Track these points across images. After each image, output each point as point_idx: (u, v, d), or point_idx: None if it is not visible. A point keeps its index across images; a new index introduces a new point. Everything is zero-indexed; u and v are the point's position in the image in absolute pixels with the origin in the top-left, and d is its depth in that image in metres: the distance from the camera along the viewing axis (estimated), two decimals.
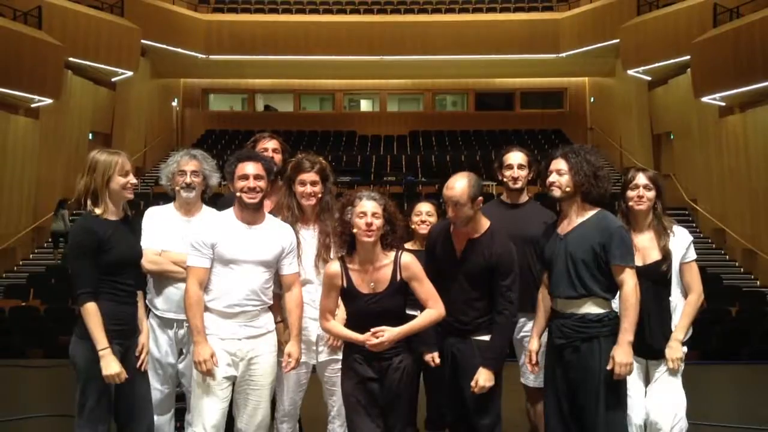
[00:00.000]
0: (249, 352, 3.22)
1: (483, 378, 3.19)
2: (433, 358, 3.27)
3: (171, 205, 3.68)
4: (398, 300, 3.11)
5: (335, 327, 3.16)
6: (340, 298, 3.18)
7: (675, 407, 3.31)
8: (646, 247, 3.34)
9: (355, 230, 3.05)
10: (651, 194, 3.40)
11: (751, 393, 6.08)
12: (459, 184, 3.22)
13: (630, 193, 3.41)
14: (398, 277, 3.09)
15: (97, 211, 3.08)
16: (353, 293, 3.10)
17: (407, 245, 3.62)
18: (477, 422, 3.26)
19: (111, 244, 3.05)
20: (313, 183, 3.41)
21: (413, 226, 3.78)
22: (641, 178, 3.41)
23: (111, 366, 2.98)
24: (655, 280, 3.27)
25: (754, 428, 4.69)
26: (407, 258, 3.13)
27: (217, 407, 3.18)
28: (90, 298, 3.02)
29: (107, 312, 3.04)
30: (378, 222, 3.04)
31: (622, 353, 3.04)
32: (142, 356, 3.20)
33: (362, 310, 3.09)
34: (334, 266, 3.15)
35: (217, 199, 3.94)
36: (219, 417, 3.19)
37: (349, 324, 3.15)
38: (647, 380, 3.37)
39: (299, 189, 3.42)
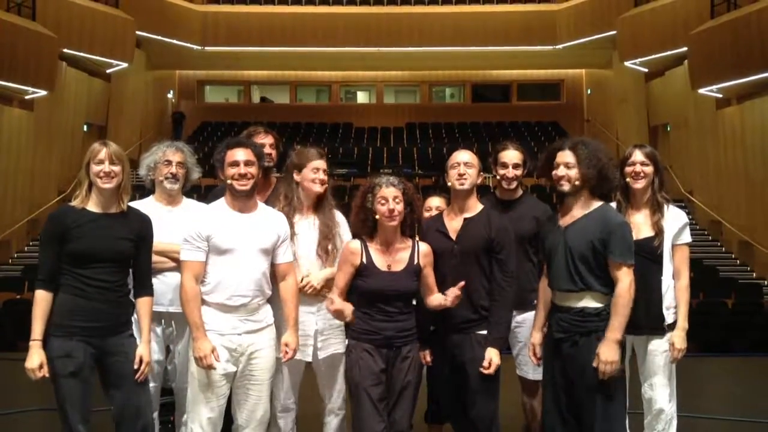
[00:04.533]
0: (249, 346, 3.16)
1: (495, 356, 3.20)
2: (425, 355, 3.30)
3: (150, 198, 3.61)
4: (412, 283, 3.20)
5: (339, 303, 3.12)
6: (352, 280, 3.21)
7: (671, 390, 3.36)
8: (639, 223, 3.32)
9: (377, 216, 3.15)
10: (648, 170, 3.38)
11: (747, 385, 6.09)
12: (467, 152, 3.37)
13: (627, 170, 3.39)
14: (416, 260, 3.20)
15: (76, 200, 2.99)
16: (371, 269, 3.17)
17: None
18: (475, 415, 3.24)
19: (77, 235, 2.92)
20: (325, 171, 3.47)
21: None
22: (638, 155, 3.39)
23: (32, 359, 2.89)
24: (645, 257, 3.22)
25: (750, 420, 4.68)
26: (425, 247, 3.28)
27: (214, 405, 3.13)
28: (40, 286, 2.93)
29: (67, 305, 2.93)
30: (399, 207, 3.16)
31: (607, 351, 2.98)
32: (142, 368, 3.04)
33: (375, 288, 3.14)
34: (355, 243, 3.23)
35: (209, 192, 3.89)
36: (216, 414, 3.15)
37: (359, 306, 3.16)
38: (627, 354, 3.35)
39: (310, 176, 3.41)
